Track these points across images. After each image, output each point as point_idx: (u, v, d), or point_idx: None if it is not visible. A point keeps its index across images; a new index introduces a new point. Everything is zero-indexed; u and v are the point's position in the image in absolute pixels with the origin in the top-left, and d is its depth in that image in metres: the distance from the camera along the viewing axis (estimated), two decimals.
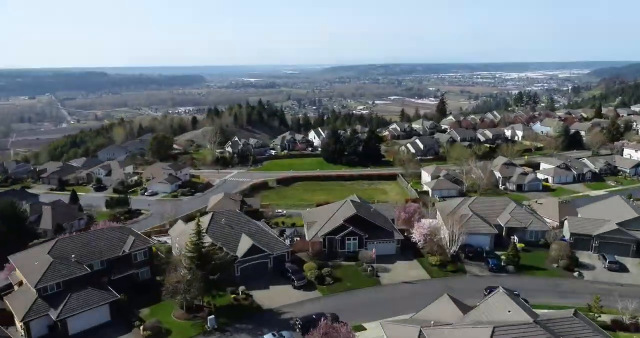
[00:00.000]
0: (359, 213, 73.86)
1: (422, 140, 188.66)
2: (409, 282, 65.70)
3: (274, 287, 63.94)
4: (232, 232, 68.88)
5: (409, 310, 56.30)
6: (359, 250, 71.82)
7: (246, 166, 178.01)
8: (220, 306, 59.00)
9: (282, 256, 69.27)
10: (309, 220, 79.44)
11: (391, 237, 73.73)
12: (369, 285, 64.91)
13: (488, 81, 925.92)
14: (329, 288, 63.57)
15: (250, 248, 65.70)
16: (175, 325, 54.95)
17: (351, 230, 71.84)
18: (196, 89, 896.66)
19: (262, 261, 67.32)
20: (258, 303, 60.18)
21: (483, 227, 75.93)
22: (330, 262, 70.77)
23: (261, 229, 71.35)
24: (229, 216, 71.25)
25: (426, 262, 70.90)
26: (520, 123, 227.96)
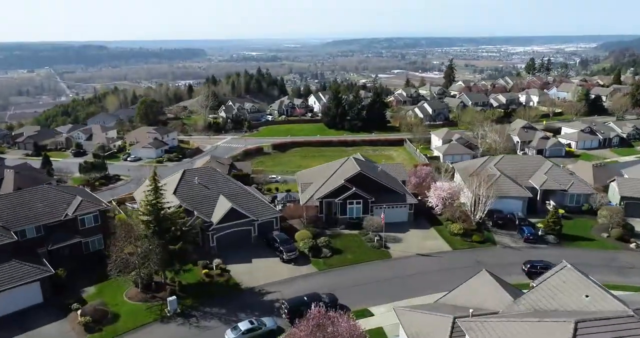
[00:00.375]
0: (363, 172, 60.61)
1: (430, 105, 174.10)
2: (425, 255, 52.96)
3: (257, 261, 51.33)
4: (207, 194, 55.91)
5: (427, 289, 43.93)
6: (363, 216, 58.88)
7: (240, 132, 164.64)
8: (188, 284, 46.52)
9: (270, 223, 56.49)
10: (304, 181, 66.31)
11: (402, 200, 60.64)
12: (376, 258, 52.25)
13: (493, 55, 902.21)
14: (326, 262, 50.94)
15: (229, 212, 52.78)
16: (127, 309, 42.50)
17: (354, 192, 58.72)
18: (197, 62, 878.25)
19: (244, 229, 54.55)
20: (236, 280, 47.67)
21: (514, 189, 62.72)
22: (328, 231, 58.03)
23: (245, 191, 58.32)
24: (204, 174, 58.14)
25: (445, 231, 58.05)
26: (535, 88, 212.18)
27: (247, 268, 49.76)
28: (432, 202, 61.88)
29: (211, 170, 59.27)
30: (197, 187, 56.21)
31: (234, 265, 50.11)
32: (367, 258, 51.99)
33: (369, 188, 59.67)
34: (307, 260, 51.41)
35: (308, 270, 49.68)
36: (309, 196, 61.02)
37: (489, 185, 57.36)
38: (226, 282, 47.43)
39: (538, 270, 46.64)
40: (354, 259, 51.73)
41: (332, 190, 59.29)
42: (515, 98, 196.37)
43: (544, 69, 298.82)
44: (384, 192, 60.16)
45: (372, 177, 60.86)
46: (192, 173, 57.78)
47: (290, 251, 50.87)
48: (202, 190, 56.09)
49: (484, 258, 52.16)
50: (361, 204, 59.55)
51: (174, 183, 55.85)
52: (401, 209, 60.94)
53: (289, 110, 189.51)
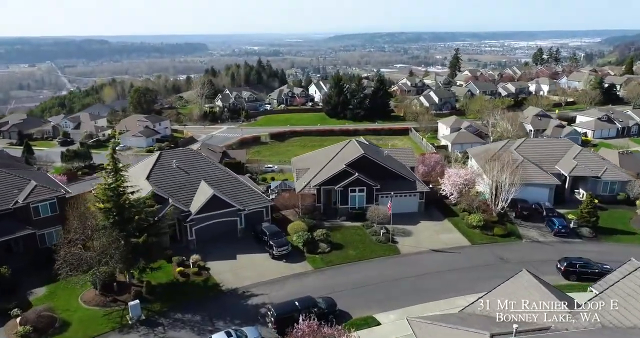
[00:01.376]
0: (367, 155, 52.87)
1: (437, 93, 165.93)
2: (440, 251, 45.25)
3: (243, 257, 43.73)
4: (187, 180, 48.26)
5: (444, 292, 36.39)
6: (367, 206, 51.15)
7: (238, 121, 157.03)
8: (159, 284, 38.96)
9: (259, 214, 48.87)
10: (300, 167, 58.64)
11: (412, 188, 52.88)
12: (383, 254, 44.58)
13: (496, 49, 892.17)
14: (324, 259, 43.30)
15: (210, 201, 45.13)
16: (80, 315, 34.98)
17: (357, 178, 50.97)
18: (198, 57, 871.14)
19: (229, 220, 46.92)
20: (216, 280, 40.10)
21: (540, 176, 54.93)
22: (326, 222, 50.42)
23: (231, 177, 50.63)
24: (184, 157, 50.43)
25: (462, 223, 50.33)
26: (545, 77, 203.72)
27: (231, 266, 42.17)
28: (445, 190, 54.15)
29: (193, 153, 51.60)
30: (175, 171, 48.55)
31: (215, 262, 42.54)
32: (372, 255, 44.32)
33: (373, 174, 51.94)
34: (301, 257, 43.80)
35: (302, 268, 42.07)
36: (304, 183, 53.30)
37: (513, 169, 49.51)
38: (204, 282, 39.86)
39: (577, 270, 39.06)
40: (357, 255, 44.06)
41: (331, 175, 51.57)
42: (524, 87, 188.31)
43: (552, 59, 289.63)
44: (391, 179, 52.41)
45: (378, 161, 53.10)
46: (169, 155, 50.10)
47: (282, 246, 43.23)
48: (180, 176, 48.44)
49: (509, 254, 44.48)
50: (365, 192, 51.82)
51: (148, 167, 48.22)
52: (411, 198, 53.22)
53: (288, 100, 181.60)
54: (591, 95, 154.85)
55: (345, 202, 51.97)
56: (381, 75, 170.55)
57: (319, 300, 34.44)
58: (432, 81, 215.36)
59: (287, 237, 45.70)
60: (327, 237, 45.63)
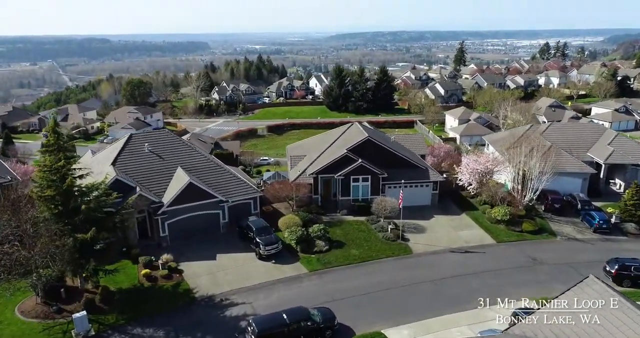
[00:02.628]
0: (372, 138, 45.64)
1: (443, 85, 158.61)
2: (460, 250, 37.98)
3: (225, 257, 36.55)
4: (161, 166, 41.10)
5: (469, 302, 29.17)
6: (372, 197, 43.88)
7: (234, 114, 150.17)
8: (119, 290, 31.84)
9: (245, 206, 41.71)
10: (295, 154, 51.50)
11: (425, 177, 45.61)
12: (392, 254, 37.32)
13: (499, 48, 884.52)
14: (321, 260, 36.08)
15: (186, 190, 37.95)
16: (13, 330, 27.83)
17: (360, 164, 43.70)
18: (200, 55, 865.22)
19: (209, 213, 39.75)
20: (189, 285, 32.92)
21: (573, 163, 47.58)
22: (325, 217, 43.23)
23: (214, 163, 43.40)
24: (159, 140, 43.20)
25: (483, 218, 43.07)
26: (555, 69, 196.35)
27: (209, 268, 34.98)
28: (462, 180, 46.83)
29: (170, 136, 44.33)
30: (147, 156, 41.36)
31: (190, 264, 35.38)
32: (379, 255, 37.06)
33: (379, 161, 44.68)
34: (294, 257, 36.60)
35: (295, 270, 34.85)
36: (300, 171, 46.08)
37: (543, 154, 42.17)
38: (174, 287, 32.68)
39: (632, 273, 31.73)
40: (361, 256, 36.82)
41: (331, 162, 44.31)
42: (534, 80, 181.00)
43: (559, 53, 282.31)
44: (399, 167, 45.13)
45: (385, 145, 45.85)
46: (142, 138, 42.85)
47: (270, 243, 36.01)
48: (153, 161, 41.26)
49: (542, 254, 37.19)
50: (369, 182, 44.55)
51: (115, 152, 41.06)
52: (422, 189, 45.94)
53: (288, 93, 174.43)
54: (606, 86, 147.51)
55: (346, 193, 44.71)
56: (384, 67, 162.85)
57: (314, 312, 27.27)
58: (437, 74, 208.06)
59: (277, 233, 38.54)
60: (325, 234, 38.41)
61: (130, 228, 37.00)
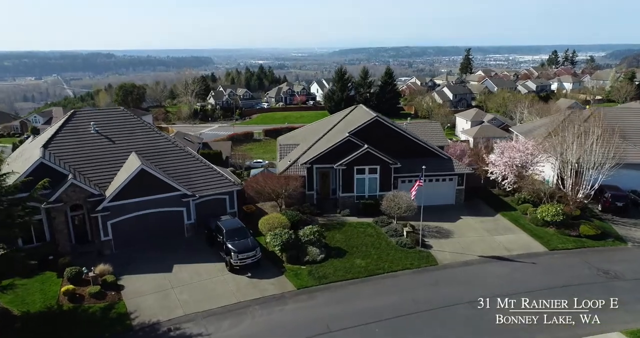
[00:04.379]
0: (381, 119, 36.41)
1: (451, 89, 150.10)
2: (500, 260, 28.33)
3: (184, 268, 27.01)
4: (110, 150, 31.86)
5: (527, 334, 19.06)
6: (382, 194, 34.38)
7: (231, 120, 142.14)
8: (26, 314, 22.35)
9: (218, 203, 32.32)
10: (286, 143, 42.28)
11: (447, 169, 36.20)
12: (409, 265, 27.68)
13: (501, 63, 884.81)
14: (314, 273, 26.49)
15: (137, 179, 28.66)
16: None
17: (367, 151, 34.36)
18: (204, 70, 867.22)
19: (169, 211, 30.36)
20: (127, 307, 23.38)
21: (637, 153, 38.02)
22: (321, 218, 33.77)
23: (180, 149, 34.12)
24: (109, 119, 33.99)
25: (524, 220, 33.55)
26: (568, 75, 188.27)
27: (160, 283, 25.45)
28: (495, 172, 37.33)
29: (125, 115, 35.12)
30: (92, 138, 32.17)
31: (136, 277, 25.90)
32: (393, 266, 27.46)
33: (391, 149, 35.34)
34: (277, 268, 27.06)
35: (277, 287, 25.26)
36: (290, 161, 36.77)
37: (601, 141, 32.77)
38: (105, 310, 23.16)
39: None
40: (368, 267, 27.24)
41: (329, 149, 35.01)
42: (546, 85, 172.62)
43: (568, 62, 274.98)
44: (416, 156, 35.75)
45: (397, 128, 36.61)
46: (87, 116, 33.63)
47: (245, 250, 26.49)
48: (101, 145, 32.05)
49: (614, 266, 27.52)
50: (378, 173, 35.14)
51: (52, 132, 31.95)
52: (445, 184, 36.53)
53: (288, 98, 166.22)
54: (627, 89, 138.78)
55: (349, 188, 35.27)
56: (389, 69, 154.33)
57: None
58: (443, 81, 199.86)
59: (259, 238, 29.07)
60: (320, 238, 28.87)
61: (59, 230, 27.70)
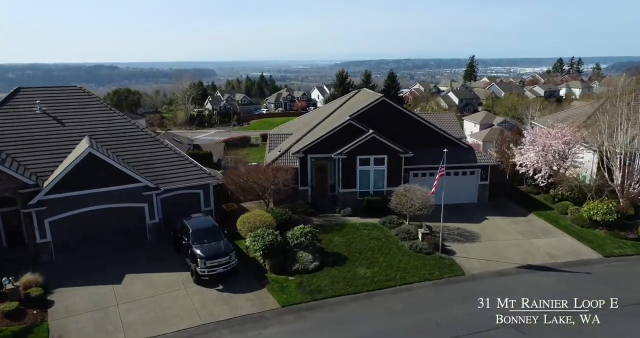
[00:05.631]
0: (389, 101, 30.58)
1: (457, 94, 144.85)
2: (544, 269, 22.14)
3: (139, 278, 20.93)
4: (58, 134, 26.03)
5: None
6: (390, 189, 28.31)
7: (229, 125, 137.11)
8: None
9: (190, 200, 26.33)
10: (278, 133, 36.48)
11: (469, 160, 30.23)
12: (429, 275, 21.54)
13: (502, 75, 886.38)
14: (305, 285, 20.39)
15: (81, 166, 22.78)
16: None
17: (372, 137, 28.45)
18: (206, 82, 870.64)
19: (127, 208, 24.33)
20: (54, 332, 17.21)
21: None
22: (317, 218, 27.77)
23: (148, 136, 28.23)
24: (60, 98, 28.17)
25: (565, 220, 27.48)
26: (577, 80, 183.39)
27: (102, 299, 19.38)
28: (526, 165, 31.25)
29: (81, 94, 29.30)
30: (37, 120, 26.35)
31: (73, 291, 19.87)
32: (407, 276, 21.33)
33: (401, 136, 29.41)
34: (257, 279, 20.97)
35: (256, 304, 19.12)
36: (280, 151, 30.87)
37: None
38: (22, 335, 17.05)
39: None
40: (375, 278, 21.12)
41: (327, 135, 29.11)
42: (555, 90, 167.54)
43: (573, 69, 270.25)
44: (430, 145, 29.78)
45: (408, 112, 30.84)
46: (34, 94, 27.82)
47: (216, 255, 20.42)
48: (47, 127, 26.24)
49: None
50: (385, 165, 29.15)
51: None
52: (466, 179, 30.54)
53: (287, 104, 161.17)
54: None
55: (350, 182, 29.25)
56: (392, 72, 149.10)
57: None
58: (447, 88, 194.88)
59: (239, 242, 23.03)
60: (313, 241, 22.80)
61: None
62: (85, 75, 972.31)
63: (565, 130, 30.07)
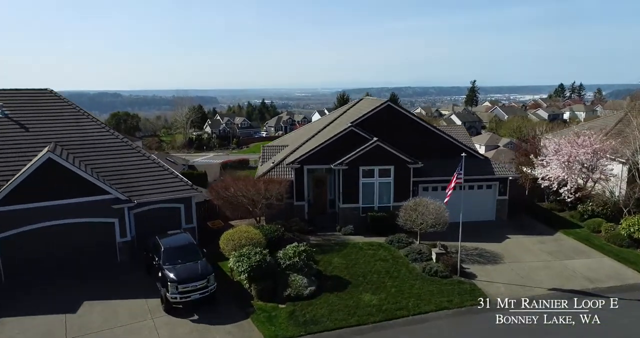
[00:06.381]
0: (395, 106, 27.55)
1: (459, 117, 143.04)
2: (584, 295, 18.51)
3: (99, 306, 17.34)
4: (21, 140, 22.91)
5: None
6: (397, 204, 24.93)
7: (228, 149, 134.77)
8: None
9: (169, 216, 22.98)
10: (272, 144, 33.44)
11: (485, 172, 26.94)
12: (448, 303, 17.94)
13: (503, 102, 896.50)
14: (297, 316, 16.76)
15: (38, 174, 19.54)
16: None
17: (376, 145, 25.30)
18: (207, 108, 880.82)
19: (92, 222, 20.93)
20: None
21: None
22: (315, 236, 24.33)
23: (124, 145, 25.13)
24: (26, 101, 25.20)
25: (598, 239, 23.99)
26: (580, 104, 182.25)
27: (48, 332, 15.78)
28: (550, 177, 27.92)
29: (51, 99, 26.32)
30: None
31: (16, 320, 16.45)
32: (422, 305, 17.72)
33: (408, 144, 26.24)
34: (241, 307, 17.37)
35: None
36: (274, 163, 27.70)
37: None
38: None
39: None
40: (383, 307, 17.51)
41: (325, 143, 25.98)
42: (558, 114, 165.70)
43: (575, 94, 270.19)
44: (441, 155, 26.62)
45: (417, 119, 27.76)
46: None
47: (190, 279, 16.92)
48: (7, 132, 23.14)
49: None
50: (392, 176, 25.89)
51: None
52: (482, 193, 27.20)
53: (288, 127, 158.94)
54: None
55: (352, 196, 25.90)
56: (394, 95, 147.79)
57: None
58: (449, 112, 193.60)
59: (224, 264, 19.54)
60: (308, 262, 19.30)
61: None
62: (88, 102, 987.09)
63: (594, 138, 26.88)
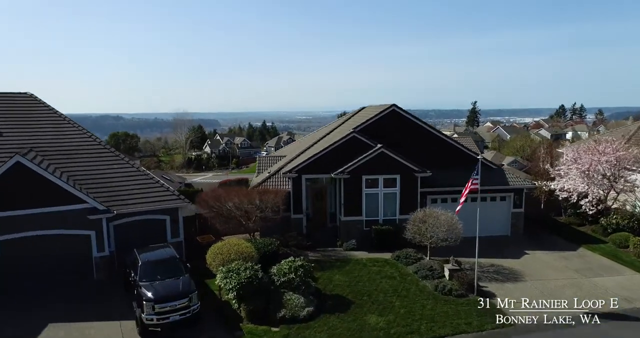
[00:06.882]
0: (400, 110, 25.65)
1: (462, 137, 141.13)
2: (621, 315, 16.20)
3: (64, 329, 15.03)
4: None
5: None
6: (403, 217, 22.78)
7: (227, 169, 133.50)
8: None
9: (153, 228, 20.84)
10: (269, 155, 31.51)
11: (497, 182, 24.86)
12: (466, 326, 15.65)
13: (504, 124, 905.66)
14: None
15: (5, 180, 17.45)
16: None
17: (380, 152, 23.33)
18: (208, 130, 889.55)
19: (65, 235, 18.78)
20: None
21: None
22: (313, 252, 22.12)
23: (109, 153, 23.18)
24: (2, 105, 23.36)
25: (627, 256, 21.73)
26: (582, 124, 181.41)
27: None
28: (569, 188, 25.81)
29: (29, 102, 24.42)
30: None
31: None
32: (435, 327, 15.43)
33: (415, 153, 24.29)
34: (228, 331, 15.05)
35: None
36: (270, 173, 25.71)
37: None
38: None
39: None
40: (392, 330, 15.20)
41: (325, 150, 24.03)
42: (561, 133, 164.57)
43: (576, 115, 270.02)
44: (451, 164, 24.64)
45: (423, 124, 25.86)
46: None
47: (168, 298, 14.69)
48: None
49: None
50: (398, 186, 23.83)
51: None
52: (496, 205, 25.08)
53: None
54: None
55: (354, 208, 23.76)
56: None
57: None
58: (451, 132, 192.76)
59: (212, 282, 17.31)
60: (305, 278, 17.04)
61: None
62: (91, 125, 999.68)
63: (616, 144, 24.91)
